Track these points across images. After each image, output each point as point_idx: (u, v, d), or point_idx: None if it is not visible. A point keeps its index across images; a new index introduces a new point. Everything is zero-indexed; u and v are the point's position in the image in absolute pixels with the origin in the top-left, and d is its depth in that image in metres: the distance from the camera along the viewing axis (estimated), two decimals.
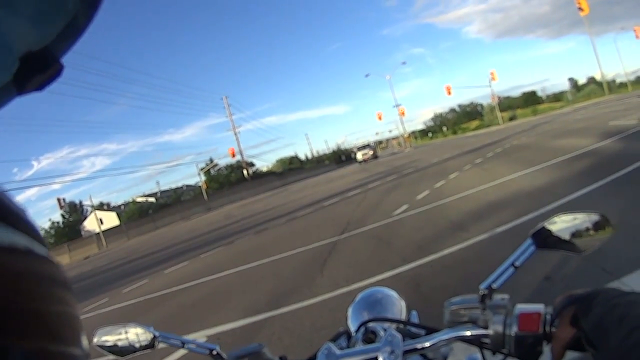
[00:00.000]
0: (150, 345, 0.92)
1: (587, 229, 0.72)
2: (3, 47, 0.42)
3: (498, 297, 0.75)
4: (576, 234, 0.73)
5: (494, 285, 0.74)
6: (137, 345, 0.92)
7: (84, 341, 0.24)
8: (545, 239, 0.74)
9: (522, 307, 0.71)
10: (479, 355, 0.79)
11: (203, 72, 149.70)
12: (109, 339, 0.94)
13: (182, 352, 3.76)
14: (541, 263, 3.57)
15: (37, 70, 0.42)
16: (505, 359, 0.74)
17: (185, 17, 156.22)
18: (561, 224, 0.74)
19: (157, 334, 0.92)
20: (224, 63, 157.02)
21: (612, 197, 5.29)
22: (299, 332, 3.80)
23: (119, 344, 0.93)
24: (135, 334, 0.92)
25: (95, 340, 0.93)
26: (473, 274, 3.96)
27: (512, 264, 0.75)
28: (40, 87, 0.43)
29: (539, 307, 0.70)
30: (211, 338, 4.28)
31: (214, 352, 0.90)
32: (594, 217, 0.73)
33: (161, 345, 0.93)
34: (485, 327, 0.74)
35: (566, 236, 0.73)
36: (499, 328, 0.72)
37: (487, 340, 0.75)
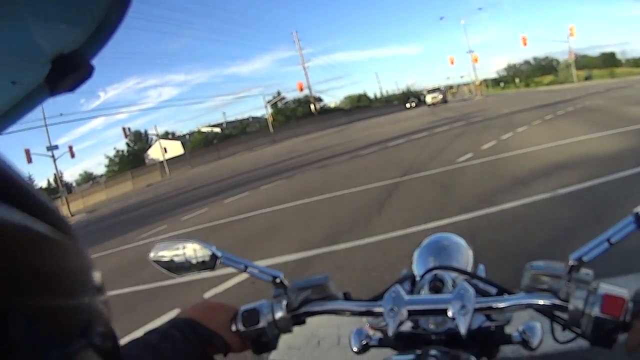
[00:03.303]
0: (210, 265, 0.84)
1: None
2: (36, 49, 0.44)
3: (583, 271, 0.68)
4: None
5: (585, 258, 0.67)
6: (196, 264, 0.85)
7: (95, 286, 0.24)
8: None
9: (606, 288, 0.65)
10: (538, 325, 0.75)
11: (274, 2, 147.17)
12: (167, 254, 0.87)
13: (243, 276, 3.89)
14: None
15: (68, 71, 0.44)
16: (575, 338, 0.70)
17: None
18: None
19: (219, 254, 0.84)
20: None
21: None
22: (350, 272, 3.85)
23: (177, 260, 0.86)
24: (195, 252, 0.85)
25: (151, 255, 0.87)
26: (530, 234, 3.82)
27: (608, 240, 0.67)
28: (71, 88, 0.46)
29: (623, 292, 0.64)
30: None
31: (277, 280, 0.84)
32: None
33: (221, 268, 0.86)
34: (566, 300, 0.68)
35: None
36: (580, 305, 0.66)
37: (563, 315, 0.69)
